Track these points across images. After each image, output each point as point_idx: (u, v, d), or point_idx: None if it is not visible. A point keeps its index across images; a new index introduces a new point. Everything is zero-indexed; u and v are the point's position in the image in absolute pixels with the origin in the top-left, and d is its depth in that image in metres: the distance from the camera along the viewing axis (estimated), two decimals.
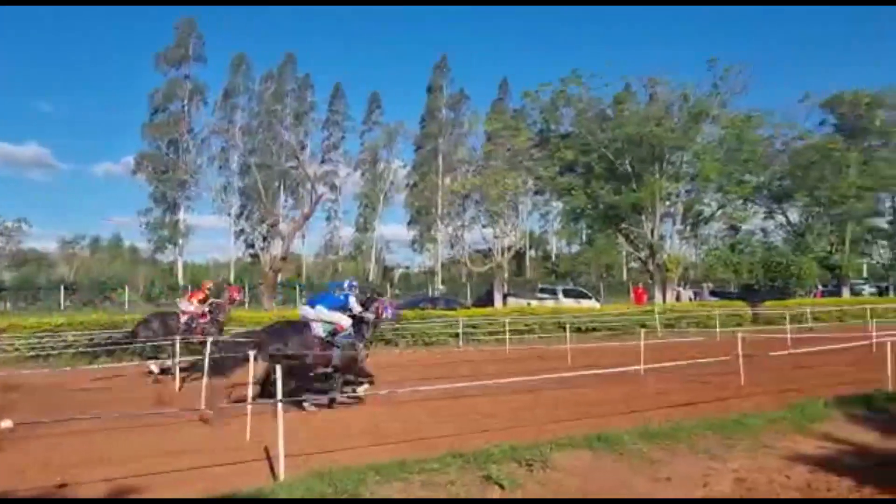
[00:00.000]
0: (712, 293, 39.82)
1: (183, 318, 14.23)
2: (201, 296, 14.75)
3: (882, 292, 44.58)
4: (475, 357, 17.00)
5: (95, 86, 79.48)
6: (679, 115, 30.34)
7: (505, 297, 34.00)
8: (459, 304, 30.21)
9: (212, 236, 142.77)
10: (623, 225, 31.84)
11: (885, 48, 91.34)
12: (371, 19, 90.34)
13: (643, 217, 30.51)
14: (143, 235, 55.55)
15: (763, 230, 39.71)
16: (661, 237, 31.45)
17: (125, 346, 14.64)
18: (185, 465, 6.95)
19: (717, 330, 23.23)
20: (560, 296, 34.29)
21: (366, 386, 10.71)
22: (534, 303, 31.42)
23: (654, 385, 12.34)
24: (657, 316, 25.12)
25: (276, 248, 35.40)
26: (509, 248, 35.01)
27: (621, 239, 32.75)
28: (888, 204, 40.85)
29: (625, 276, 54.24)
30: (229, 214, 54.94)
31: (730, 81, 30.60)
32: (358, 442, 7.95)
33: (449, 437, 7.92)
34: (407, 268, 64.10)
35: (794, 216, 39.44)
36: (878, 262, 45.36)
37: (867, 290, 47.92)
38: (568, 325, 20.02)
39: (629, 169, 30.17)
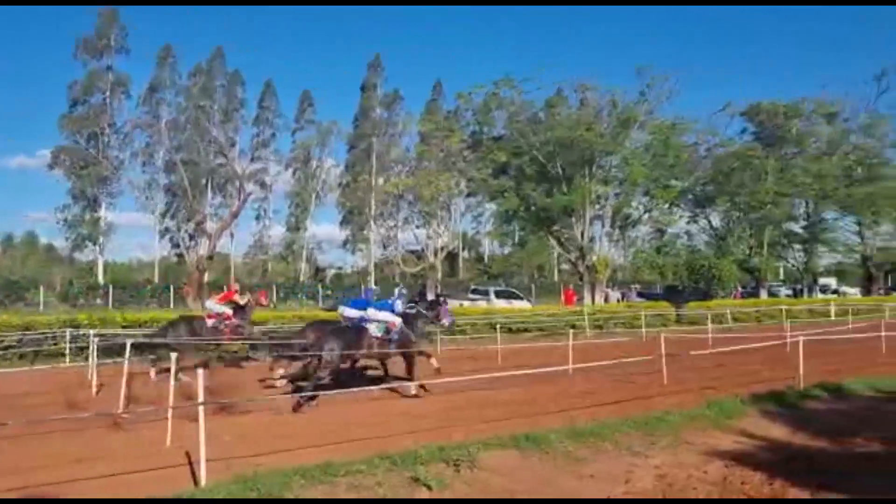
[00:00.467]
0: (639, 294, 40.98)
1: (210, 322, 14.11)
2: (230, 298, 14.83)
3: (797, 294, 46.77)
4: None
5: (7, 73, 75.12)
6: (608, 120, 31.14)
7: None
8: None
9: (135, 234, 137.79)
10: (554, 227, 32.42)
11: (801, 59, 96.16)
12: (303, 17, 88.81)
13: (574, 219, 31.13)
14: (61, 233, 52.99)
15: (687, 233, 41.12)
16: (591, 239, 32.16)
17: (154, 348, 13.89)
18: (98, 472, 6.66)
19: (643, 330, 23.80)
20: (492, 297, 34.52)
21: (433, 361, 12.21)
22: (466, 303, 31.54)
23: (581, 385, 12.54)
24: (586, 317, 25.57)
25: (203, 248, 34.44)
26: (442, 249, 35.14)
27: (552, 241, 33.35)
28: (802, 209, 42.81)
29: (556, 278, 55.20)
30: (153, 212, 53.27)
31: (656, 89, 31.65)
32: (285, 445, 7.76)
33: (378, 439, 7.85)
34: (339, 268, 63.51)
35: (716, 220, 41.04)
36: (793, 265, 47.49)
37: (783, 291, 50.25)
38: (499, 326, 20.12)
39: (560, 172, 30.72)
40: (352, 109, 63.83)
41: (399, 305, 12.20)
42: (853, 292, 49.42)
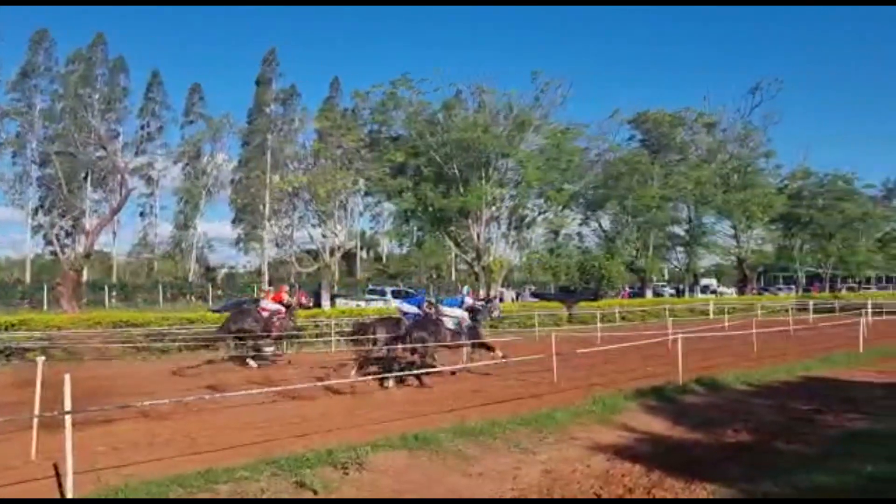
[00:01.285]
0: (533, 294, 41.87)
1: (265, 314, 16.12)
2: (280, 299, 16.81)
3: (679, 293, 49.37)
4: (300, 360, 16.48)
5: None
6: (505, 123, 31.60)
7: (333, 298, 33.54)
8: None
9: (4, 230, 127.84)
10: (451, 228, 32.60)
11: (684, 71, 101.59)
12: (195, 6, 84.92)
13: (470, 220, 31.42)
14: None
15: (579, 235, 42.47)
16: (488, 240, 32.59)
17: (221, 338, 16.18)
18: None
19: (536, 330, 24.29)
20: (389, 297, 34.38)
21: (498, 352, 13.79)
22: (363, 304, 31.25)
23: (474, 384, 12.62)
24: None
25: (81, 246, 32.35)
26: (339, 249, 34.58)
27: (449, 241, 33.52)
28: (685, 213, 45.13)
29: (454, 278, 55.60)
30: (24, 207, 49.78)
31: (550, 94, 32.44)
32: (165, 453, 7.35)
33: (264, 443, 7.58)
34: (231, 268, 61.47)
35: (606, 223, 42.59)
36: (676, 266, 50.03)
37: (667, 291, 52.91)
38: None
39: (457, 173, 30.95)
40: (246, 104, 61.90)
41: (469, 301, 15.01)
42: (729, 292, 52.68)
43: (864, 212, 52.26)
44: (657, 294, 46.93)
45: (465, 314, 14.26)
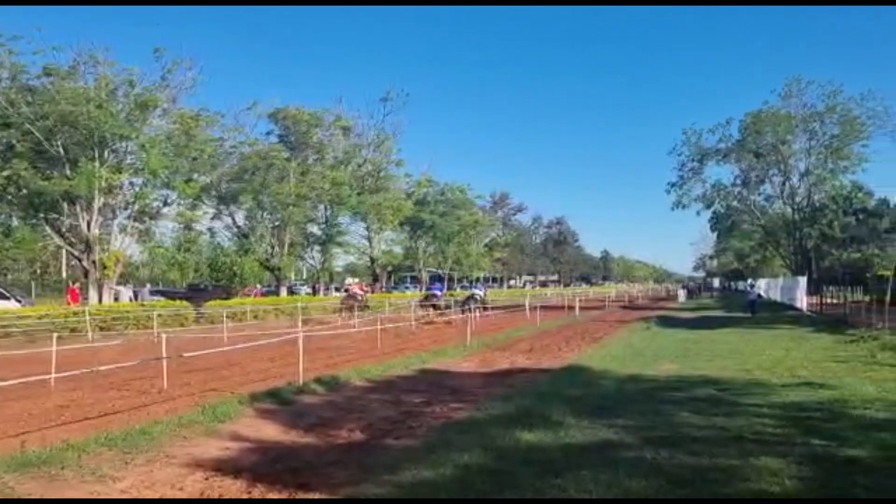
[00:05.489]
0: (161, 293, 38.49)
1: (358, 293, 32.66)
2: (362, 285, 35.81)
3: (316, 292, 50.02)
4: None
5: None
6: (125, 101, 28.04)
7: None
8: None
9: None
10: (53, 215, 27.86)
11: (324, 70, 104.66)
12: None
13: (79, 208, 27.17)
14: None
15: (210, 230, 40.17)
16: (103, 232, 28.63)
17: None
18: None
19: (156, 331, 22.01)
20: None
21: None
22: None
23: (63, 396, 10.63)
24: (88, 318, 22.61)
25: None
26: None
27: (50, 231, 28.38)
28: (321, 213, 45.66)
29: (64, 274, 48.70)
30: None
31: (179, 76, 29.80)
32: None
33: None
34: None
35: (240, 218, 40.95)
36: (312, 265, 50.57)
37: (304, 290, 53.42)
38: None
39: (62, 152, 26.52)
40: None
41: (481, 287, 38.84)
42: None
43: (476, 220, 59.98)
44: (293, 292, 46.98)
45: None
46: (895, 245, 40.49)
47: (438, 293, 32.73)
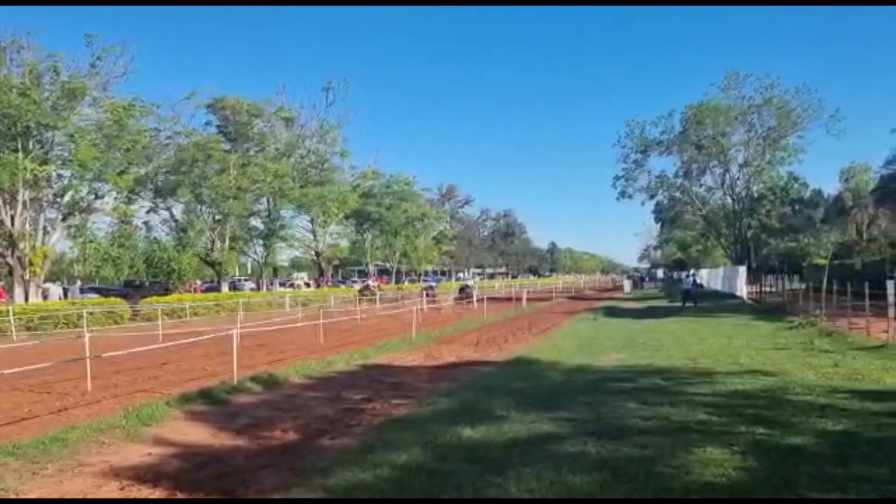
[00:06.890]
0: (93, 290, 37.00)
1: (371, 285, 40.30)
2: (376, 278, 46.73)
3: (259, 287, 48.90)
4: None
5: None
6: (51, 89, 26.67)
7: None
8: None
9: None
10: None
11: (265, 59, 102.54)
12: None
13: (0, 201, 25.74)
14: None
15: (146, 224, 38.79)
16: (29, 227, 27.24)
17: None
18: None
19: (86, 330, 21.00)
20: None
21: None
22: None
23: None
24: (12, 317, 21.50)
25: None
26: None
27: None
28: (264, 206, 44.67)
29: None
30: None
31: (109, 63, 28.54)
32: None
33: None
34: None
35: (178, 212, 39.69)
36: (254, 260, 49.43)
37: (248, 285, 52.16)
38: None
39: None
40: None
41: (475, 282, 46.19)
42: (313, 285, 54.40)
43: (423, 212, 59.39)
44: (235, 288, 45.82)
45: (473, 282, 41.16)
46: (830, 234, 41.73)
47: (434, 285, 39.66)
